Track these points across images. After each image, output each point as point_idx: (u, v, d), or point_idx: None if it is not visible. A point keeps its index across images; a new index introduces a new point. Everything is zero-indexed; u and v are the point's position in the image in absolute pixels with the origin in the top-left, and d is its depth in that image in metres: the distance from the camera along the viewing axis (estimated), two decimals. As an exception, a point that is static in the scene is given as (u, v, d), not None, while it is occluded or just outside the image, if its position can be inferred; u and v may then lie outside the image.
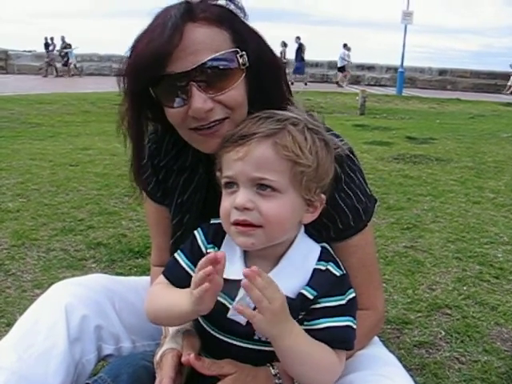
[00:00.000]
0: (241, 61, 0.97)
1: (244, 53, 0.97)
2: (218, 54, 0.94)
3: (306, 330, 0.94)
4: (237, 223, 0.91)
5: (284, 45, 21.25)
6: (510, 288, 2.56)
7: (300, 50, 21.42)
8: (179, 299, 0.93)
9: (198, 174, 1.14)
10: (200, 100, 0.94)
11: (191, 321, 1.06)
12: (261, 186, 0.90)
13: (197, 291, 0.86)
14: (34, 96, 12.02)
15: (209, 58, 0.93)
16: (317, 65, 25.36)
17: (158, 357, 1.04)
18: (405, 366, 1.14)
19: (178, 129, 1.04)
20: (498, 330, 2.15)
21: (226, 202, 0.94)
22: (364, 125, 8.99)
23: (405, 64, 21.41)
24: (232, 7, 1.01)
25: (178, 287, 1.01)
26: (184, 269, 1.02)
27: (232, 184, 0.93)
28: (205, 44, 0.94)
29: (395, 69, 22.46)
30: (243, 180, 0.91)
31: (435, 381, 1.80)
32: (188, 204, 1.17)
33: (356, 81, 24.58)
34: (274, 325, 0.85)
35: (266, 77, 1.03)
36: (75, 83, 17.75)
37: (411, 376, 1.10)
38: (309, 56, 22.57)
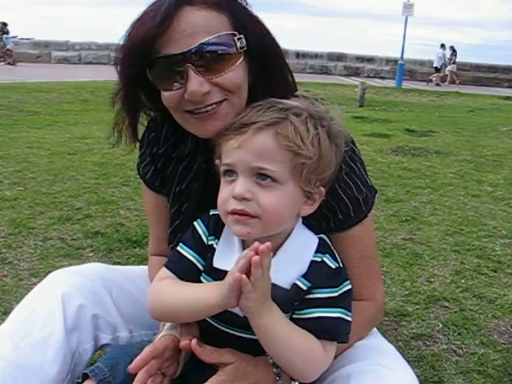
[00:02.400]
0: (238, 44, 0.96)
1: (242, 36, 0.96)
2: (214, 36, 0.93)
3: (296, 320, 0.94)
4: (234, 212, 0.90)
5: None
6: (507, 281, 2.57)
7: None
8: (203, 293, 0.91)
9: (196, 162, 1.13)
10: (196, 83, 0.93)
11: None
12: (260, 176, 0.89)
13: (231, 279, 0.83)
14: (31, 84, 11.95)
15: (205, 39, 0.92)
16: (316, 56, 25.24)
17: (155, 342, 1.03)
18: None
19: (173, 113, 1.02)
20: (496, 323, 2.16)
21: (223, 191, 0.93)
22: (363, 117, 8.96)
23: (405, 56, 21.35)
24: None
25: (184, 280, 0.99)
26: (190, 261, 1.00)
27: (231, 172, 0.92)
28: (202, 26, 0.93)
29: (395, 61, 22.41)
30: (242, 169, 0.90)
31: (432, 373, 1.80)
32: (186, 192, 1.16)
33: (355, 72, 24.50)
34: (258, 303, 0.85)
35: (269, 63, 1.01)
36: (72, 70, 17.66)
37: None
38: (308, 47, 22.43)
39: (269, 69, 1.02)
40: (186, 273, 1.00)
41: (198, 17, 0.93)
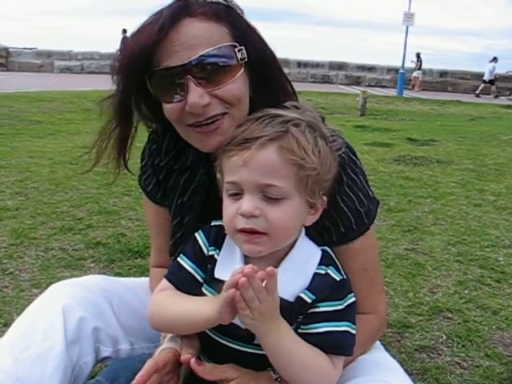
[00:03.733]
0: (239, 55, 0.95)
1: (243, 48, 0.96)
2: (214, 48, 0.93)
3: (303, 334, 0.92)
4: (243, 230, 0.90)
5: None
6: (511, 292, 2.55)
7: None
8: (200, 306, 0.91)
9: (198, 174, 1.13)
10: (196, 94, 0.93)
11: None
12: (267, 192, 0.88)
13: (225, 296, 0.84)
14: (34, 93, 12.00)
15: (206, 51, 0.92)
16: (317, 65, 25.34)
17: (155, 355, 1.02)
18: (406, 371, 1.13)
19: (175, 126, 1.02)
20: (500, 335, 2.14)
21: (229, 208, 0.92)
22: (364, 126, 8.97)
23: (406, 65, 21.41)
24: (229, 3, 1.00)
25: (183, 292, 1.00)
26: (189, 272, 1.00)
27: (236, 189, 0.91)
28: (202, 38, 0.93)
29: (396, 70, 22.46)
30: (249, 187, 0.89)
31: (436, 386, 1.78)
32: (188, 205, 1.15)
33: (356, 81, 24.57)
34: (260, 323, 0.84)
35: (268, 74, 1.01)
36: (76, 80, 17.73)
37: (412, 381, 1.09)
38: (310, 56, 22.53)
39: (269, 80, 1.02)
40: (185, 284, 1.00)
41: (197, 28, 0.93)
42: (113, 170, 1.11)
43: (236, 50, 0.95)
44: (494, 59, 22.28)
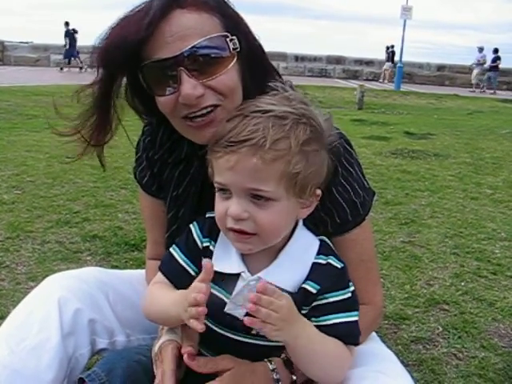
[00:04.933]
0: (231, 45, 0.94)
1: (235, 37, 0.95)
2: (206, 38, 0.92)
3: (316, 327, 0.92)
4: (233, 230, 0.90)
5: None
6: (507, 284, 2.56)
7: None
8: (176, 303, 0.92)
9: (192, 166, 1.12)
10: (189, 86, 0.92)
11: None
12: (255, 195, 0.87)
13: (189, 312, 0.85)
14: (30, 87, 11.94)
15: (197, 42, 0.91)
16: (315, 59, 25.29)
17: (156, 348, 1.02)
18: (402, 362, 1.13)
19: (170, 119, 1.01)
20: (496, 326, 2.15)
21: (220, 206, 0.92)
22: (362, 120, 8.97)
23: (403, 59, 21.40)
24: None
25: (174, 283, 1.01)
26: (180, 264, 1.01)
27: (225, 190, 0.90)
28: (194, 29, 0.91)
29: (394, 64, 22.44)
30: (236, 190, 0.88)
31: (432, 377, 1.79)
32: (183, 197, 1.15)
33: (354, 75, 24.54)
34: (285, 331, 0.83)
35: (258, 64, 1.01)
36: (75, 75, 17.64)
37: (408, 372, 1.09)
38: (307, 50, 22.53)
39: (260, 70, 1.01)
40: (177, 276, 1.01)
41: (189, 19, 0.92)
42: (76, 153, 1.11)
43: (228, 39, 0.94)
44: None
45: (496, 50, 21.33)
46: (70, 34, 19.99)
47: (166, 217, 1.19)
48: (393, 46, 23.30)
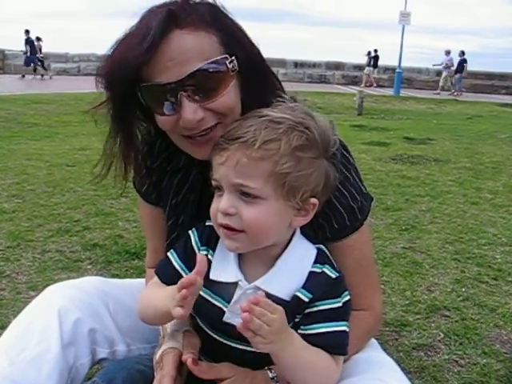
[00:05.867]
0: (230, 66, 0.94)
1: (234, 58, 0.95)
2: (206, 63, 0.91)
3: (303, 335, 0.92)
4: (222, 226, 0.91)
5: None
6: (508, 289, 2.55)
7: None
8: (167, 297, 0.91)
9: (191, 174, 1.13)
10: (190, 110, 0.93)
11: (190, 321, 1.05)
12: (244, 193, 0.89)
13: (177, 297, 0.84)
14: (30, 96, 11.98)
15: (197, 67, 0.91)
16: (314, 65, 25.37)
17: (157, 356, 1.02)
18: (403, 369, 1.13)
19: (169, 134, 1.02)
20: (497, 332, 2.14)
21: (213, 204, 0.94)
22: (362, 125, 8.98)
23: (402, 64, 21.48)
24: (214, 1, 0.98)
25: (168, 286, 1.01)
26: (176, 269, 1.01)
27: (219, 187, 0.92)
28: (193, 53, 0.91)
29: (393, 69, 22.54)
30: (226, 185, 0.90)
31: (434, 384, 1.79)
32: (183, 205, 1.15)
33: (353, 81, 24.61)
34: (274, 344, 0.84)
35: (257, 73, 1.01)
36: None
37: (410, 379, 1.09)
38: (307, 56, 22.61)
39: (259, 79, 1.01)
40: (171, 280, 1.00)
41: (188, 42, 0.91)
42: (119, 182, 1.12)
43: (227, 62, 0.94)
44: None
45: (462, 53, 21.52)
46: (30, 42, 20.20)
47: (165, 225, 1.20)
48: (376, 51, 23.39)
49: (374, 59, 23.32)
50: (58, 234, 3.08)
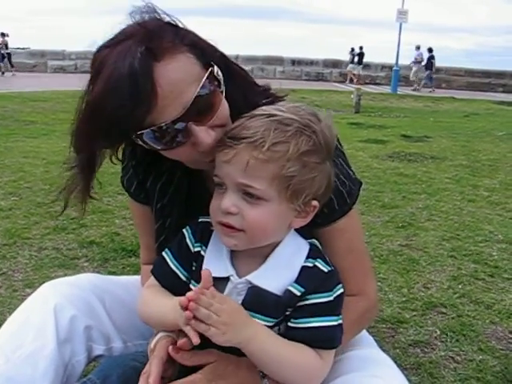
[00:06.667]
0: (218, 78, 0.94)
1: (216, 67, 0.94)
2: (200, 87, 0.90)
3: (293, 328, 0.93)
4: (221, 223, 0.92)
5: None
6: (504, 286, 2.56)
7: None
8: (172, 309, 0.92)
9: (176, 175, 1.12)
10: (205, 135, 0.92)
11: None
12: (247, 193, 0.89)
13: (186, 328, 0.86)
14: (27, 93, 11.94)
15: (194, 94, 0.89)
16: (311, 63, 25.35)
17: (152, 344, 1.02)
18: (400, 366, 1.13)
19: (183, 162, 1.02)
20: (493, 329, 2.15)
21: (214, 201, 0.94)
22: (359, 123, 8.99)
23: (400, 62, 21.48)
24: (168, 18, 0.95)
25: (166, 286, 1.02)
26: (171, 268, 1.02)
27: (221, 184, 0.92)
28: (182, 81, 0.89)
29: (390, 67, 22.53)
30: (229, 183, 0.90)
31: (430, 380, 1.79)
32: (169, 207, 1.14)
33: (351, 79, 24.60)
34: (230, 335, 0.85)
35: (229, 74, 1.00)
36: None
37: (406, 376, 1.09)
38: (304, 54, 22.61)
39: (232, 77, 1.00)
40: (169, 281, 1.02)
41: (172, 72, 0.88)
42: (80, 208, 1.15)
43: (214, 74, 0.93)
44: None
45: (430, 50, 21.62)
46: None
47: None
48: (361, 48, 23.34)
49: (358, 56, 23.25)
50: (54, 232, 3.08)
